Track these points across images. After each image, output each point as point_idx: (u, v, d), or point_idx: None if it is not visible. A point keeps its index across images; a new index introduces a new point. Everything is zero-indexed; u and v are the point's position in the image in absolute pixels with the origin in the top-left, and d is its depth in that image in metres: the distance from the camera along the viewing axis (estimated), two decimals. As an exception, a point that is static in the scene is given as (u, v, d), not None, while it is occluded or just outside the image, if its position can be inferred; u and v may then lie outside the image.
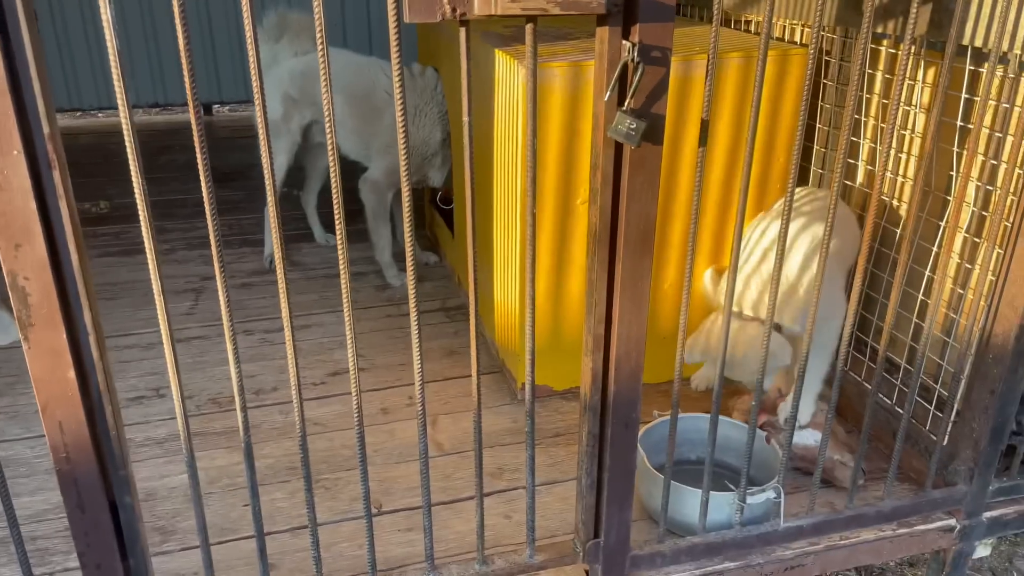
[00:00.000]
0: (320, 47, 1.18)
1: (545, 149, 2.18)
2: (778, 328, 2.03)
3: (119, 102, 1.13)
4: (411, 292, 1.40)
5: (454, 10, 1.21)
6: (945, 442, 1.97)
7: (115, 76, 1.11)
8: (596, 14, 1.28)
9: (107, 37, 1.09)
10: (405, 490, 2.14)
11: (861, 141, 2.27)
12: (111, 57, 1.08)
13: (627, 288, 1.46)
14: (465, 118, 1.31)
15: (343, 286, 1.35)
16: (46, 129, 1.13)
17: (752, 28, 2.71)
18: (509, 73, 2.19)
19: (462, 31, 1.25)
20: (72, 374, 1.25)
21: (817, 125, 2.43)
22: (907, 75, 2.06)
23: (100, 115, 6.21)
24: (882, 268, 2.22)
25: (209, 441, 2.31)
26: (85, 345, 1.26)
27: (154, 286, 1.28)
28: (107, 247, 3.61)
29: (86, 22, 5.74)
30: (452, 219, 3.38)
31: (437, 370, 2.74)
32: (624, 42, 1.30)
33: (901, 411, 2.17)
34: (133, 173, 1.18)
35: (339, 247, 1.31)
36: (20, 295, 1.18)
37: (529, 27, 1.28)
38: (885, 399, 2.22)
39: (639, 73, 1.29)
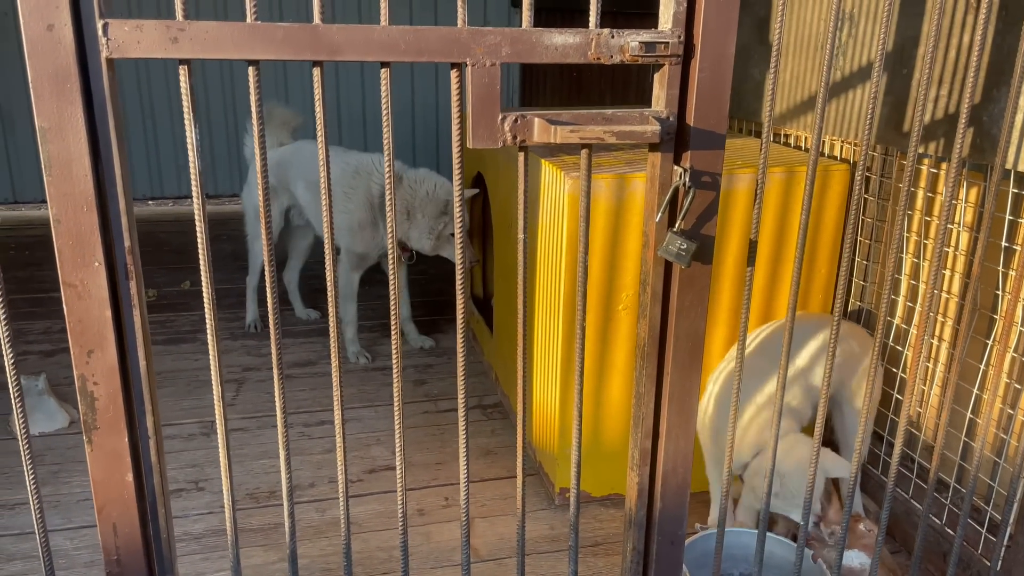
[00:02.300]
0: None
1: (588, 257, 2.23)
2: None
3: (195, 203, 1.20)
4: (460, 395, 1.41)
5: (515, 137, 1.27)
6: (999, 567, 1.91)
7: (193, 178, 1.17)
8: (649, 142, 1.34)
9: (191, 156, 1.16)
10: (440, 597, 2.10)
11: (904, 256, 2.29)
12: (191, 156, 1.15)
13: (675, 402, 1.47)
14: (520, 235, 1.36)
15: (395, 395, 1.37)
16: (127, 243, 1.19)
17: (792, 142, 2.77)
18: (555, 183, 2.26)
19: (521, 156, 1.31)
20: (130, 477, 1.28)
21: (858, 238, 2.46)
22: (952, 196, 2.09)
23: (151, 203, 6.46)
24: (929, 385, 2.20)
25: (245, 538, 2.30)
26: (145, 449, 1.29)
27: (215, 390, 1.31)
28: (152, 336, 3.70)
29: (144, 116, 6.05)
30: (491, 316, 3.42)
31: (473, 471, 2.73)
32: (675, 167, 1.35)
33: (951, 532, 2.10)
34: (203, 273, 1.24)
35: (394, 352, 1.34)
36: (88, 399, 1.22)
37: (585, 152, 1.34)
38: (935, 519, 2.16)
39: (690, 197, 1.33)
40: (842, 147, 2.50)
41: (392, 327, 1.32)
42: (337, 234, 3.53)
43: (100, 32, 1.08)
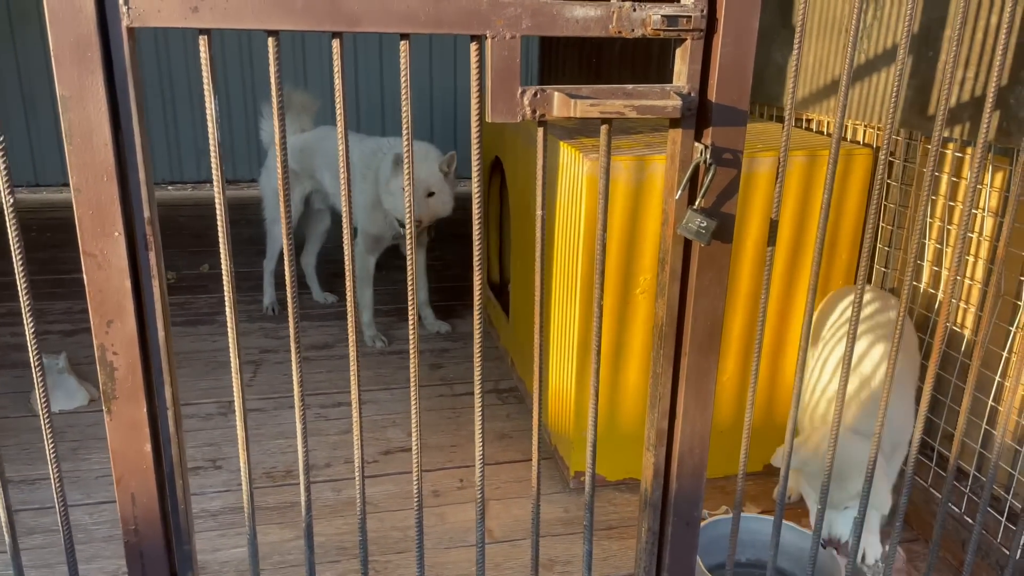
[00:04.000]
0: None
1: (607, 240, 2.21)
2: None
3: (216, 188, 1.20)
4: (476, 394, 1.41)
5: (534, 111, 1.26)
6: (1018, 556, 1.88)
7: (213, 162, 1.18)
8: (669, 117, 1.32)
9: (210, 128, 1.16)
10: (455, 577, 2.11)
11: (927, 242, 2.26)
12: (211, 142, 1.15)
13: (692, 383, 1.46)
14: (539, 211, 1.35)
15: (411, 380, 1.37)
16: (146, 213, 1.20)
17: (814, 127, 2.74)
18: (573, 164, 2.25)
19: (540, 131, 1.30)
20: (149, 447, 1.29)
21: (880, 224, 2.43)
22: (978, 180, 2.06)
23: (170, 188, 6.49)
24: (950, 371, 2.17)
25: (262, 516, 2.32)
26: (163, 420, 1.30)
27: (233, 369, 1.32)
28: (172, 317, 3.72)
29: (165, 101, 6.08)
30: (507, 302, 3.42)
31: (489, 454, 2.73)
32: (696, 144, 1.33)
33: (970, 520, 2.08)
34: (223, 254, 1.24)
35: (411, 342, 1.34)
36: (107, 369, 1.23)
37: (604, 128, 1.32)
38: (954, 507, 2.14)
39: (711, 174, 1.31)
40: (865, 131, 2.47)
41: (409, 304, 1.32)
42: (355, 214, 3.55)
43: (121, 0, 1.08)
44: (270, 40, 1.16)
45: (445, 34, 1.22)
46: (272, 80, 1.18)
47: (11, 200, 1.12)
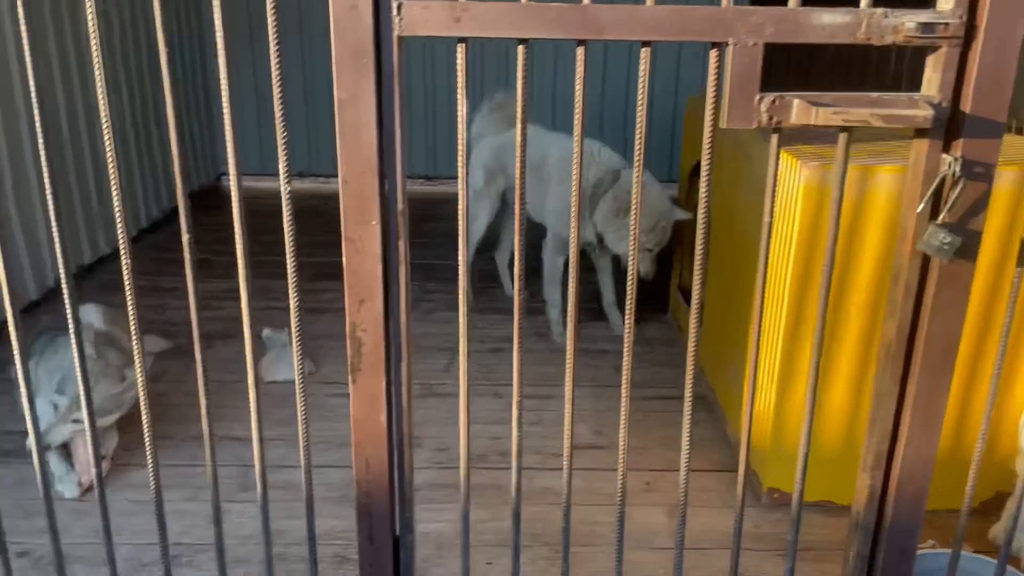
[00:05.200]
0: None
1: (823, 252, 2.14)
2: None
3: (459, 172, 1.29)
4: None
5: (771, 118, 1.25)
6: None
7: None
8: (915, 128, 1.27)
9: (460, 129, 1.26)
10: (640, 577, 2.13)
11: None
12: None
13: (920, 406, 1.39)
14: (766, 218, 1.35)
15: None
16: (400, 206, 1.31)
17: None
18: (789, 172, 2.19)
19: (774, 138, 1.30)
20: (383, 418, 1.41)
21: None
22: None
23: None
24: None
25: (459, 495, 2.44)
26: (397, 393, 1.42)
27: (461, 346, 1.41)
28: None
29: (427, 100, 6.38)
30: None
31: (677, 460, 2.69)
32: (944, 156, 1.27)
33: None
34: (461, 246, 1.33)
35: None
36: (356, 344, 1.36)
37: (843, 136, 1.30)
38: None
39: (959, 187, 1.25)
40: None
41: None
42: (548, 216, 3.64)
43: (395, 12, 1.20)
44: (520, 48, 1.24)
45: (686, 41, 1.24)
46: (519, 86, 1.26)
47: (287, 189, 1.27)
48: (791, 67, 4.85)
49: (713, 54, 1.23)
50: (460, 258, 1.37)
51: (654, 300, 4.18)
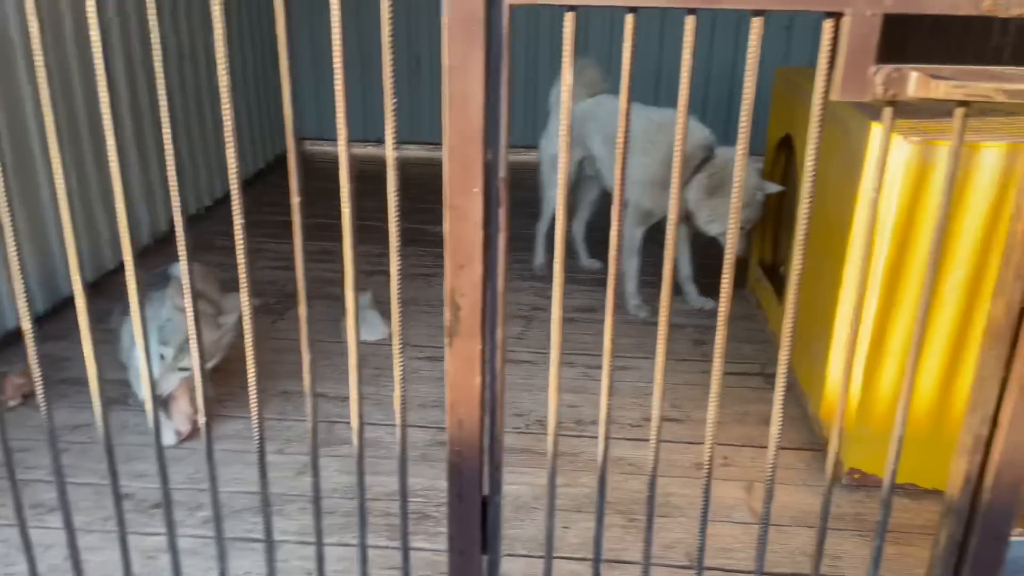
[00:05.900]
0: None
1: (921, 230, 2.09)
2: None
3: (561, 142, 1.30)
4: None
5: (886, 91, 1.22)
6: None
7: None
8: (1039, 103, 1.22)
9: (564, 98, 1.26)
10: (717, 549, 2.14)
11: None
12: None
13: (1025, 391, 1.35)
14: (871, 195, 1.32)
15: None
16: (501, 173, 1.33)
17: None
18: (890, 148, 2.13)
19: (887, 111, 1.27)
20: (478, 380, 1.45)
21: None
22: None
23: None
24: None
25: (535, 460, 2.49)
26: (492, 358, 1.45)
27: (553, 316, 1.43)
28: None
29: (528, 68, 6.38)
30: (779, 283, 3.33)
31: (754, 436, 2.71)
32: (1068, 133, 1.22)
33: None
34: (559, 215, 1.35)
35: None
36: (454, 308, 1.40)
37: (960, 111, 1.26)
38: None
39: (1083, 167, 1.20)
40: None
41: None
42: (629, 187, 3.61)
43: (509, -21, 1.20)
44: (629, 16, 1.23)
45: (800, 11, 1.22)
46: (625, 57, 1.25)
47: (395, 155, 1.31)
48: (884, 39, 4.68)
49: (828, 24, 1.21)
50: (558, 229, 1.38)
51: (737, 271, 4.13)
